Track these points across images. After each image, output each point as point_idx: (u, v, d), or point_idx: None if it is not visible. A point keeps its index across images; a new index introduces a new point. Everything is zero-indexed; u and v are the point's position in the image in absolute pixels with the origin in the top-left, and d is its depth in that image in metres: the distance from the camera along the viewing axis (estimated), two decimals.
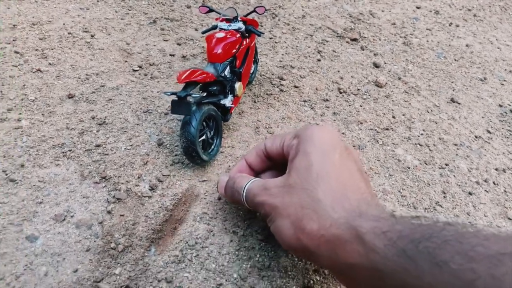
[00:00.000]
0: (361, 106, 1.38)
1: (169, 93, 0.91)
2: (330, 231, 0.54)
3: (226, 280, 0.78)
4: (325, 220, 0.55)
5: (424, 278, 0.42)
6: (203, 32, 1.23)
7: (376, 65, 1.66)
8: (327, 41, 1.80)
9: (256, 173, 0.86)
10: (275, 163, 0.82)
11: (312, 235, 0.56)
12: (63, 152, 1.01)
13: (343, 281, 0.70)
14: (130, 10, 1.78)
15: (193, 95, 0.93)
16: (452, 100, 1.52)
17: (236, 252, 0.83)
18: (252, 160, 0.84)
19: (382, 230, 0.49)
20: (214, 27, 1.20)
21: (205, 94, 1.03)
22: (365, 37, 1.90)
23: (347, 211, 0.55)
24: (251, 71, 1.32)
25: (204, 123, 1.00)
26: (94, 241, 0.82)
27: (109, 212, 0.88)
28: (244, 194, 0.73)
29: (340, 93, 1.44)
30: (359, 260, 0.50)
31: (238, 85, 1.12)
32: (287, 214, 0.61)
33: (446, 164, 1.19)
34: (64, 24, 1.58)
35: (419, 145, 1.25)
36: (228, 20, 1.19)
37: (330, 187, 0.59)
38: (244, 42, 1.17)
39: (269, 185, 0.67)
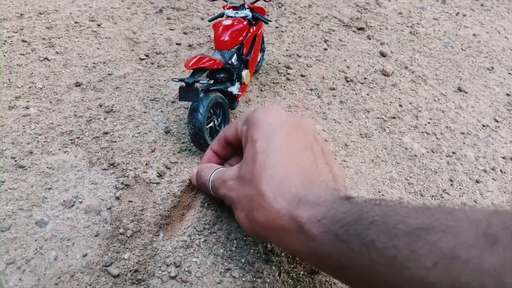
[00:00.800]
0: (368, 94, 1.38)
1: (177, 80, 0.91)
2: (276, 222, 0.57)
3: (234, 265, 0.78)
4: (270, 212, 0.58)
5: (357, 258, 0.45)
6: (210, 20, 1.23)
7: (382, 54, 1.65)
8: (333, 30, 1.80)
9: (224, 159, 0.89)
10: (238, 149, 0.83)
11: (262, 226, 0.59)
12: (71, 139, 1.01)
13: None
14: None
15: (201, 82, 0.93)
16: (459, 89, 1.51)
17: (244, 238, 0.83)
18: (216, 148, 0.87)
19: (317, 218, 0.52)
20: (221, 15, 1.20)
21: (212, 81, 1.03)
22: (371, 26, 1.89)
23: (287, 200, 0.57)
24: (258, 60, 1.32)
25: (211, 110, 1.00)
26: (103, 226, 0.83)
27: (117, 198, 0.89)
28: (210, 186, 0.76)
29: (347, 81, 1.43)
30: (303, 248, 0.54)
31: (245, 73, 1.12)
32: (241, 207, 0.64)
33: (453, 152, 1.19)
34: (70, 13, 1.58)
35: (426, 133, 1.25)
36: (235, 8, 1.19)
37: (272, 177, 0.60)
38: (251, 30, 1.17)
39: (225, 178, 0.70)
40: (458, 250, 0.36)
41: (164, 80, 1.29)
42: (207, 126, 0.98)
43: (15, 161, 0.94)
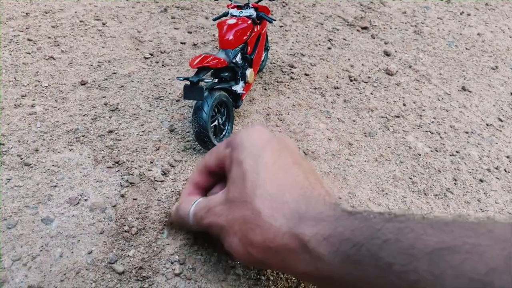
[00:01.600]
0: (371, 93, 1.38)
1: (181, 78, 0.91)
2: (275, 242, 0.52)
3: (238, 263, 0.79)
4: (268, 231, 0.53)
5: (372, 282, 0.41)
6: (215, 19, 1.23)
7: (386, 53, 1.65)
8: (337, 30, 1.80)
9: (207, 190, 0.81)
10: (220, 176, 0.76)
11: (260, 248, 0.54)
12: (76, 137, 1.02)
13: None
14: None
15: (205, 81, 0.94)
16: (463, 88, 1.51)
17: None
18: (197, 180, 0.78)
19: (323, 236, 0.47)
20: (226, 14, 1.20)
21: (216, 80, 1.04)
22: (375, 25, 1.89)
23: (287, 217, 0.53)
24: (262, 59, 1.33)
25: (216, 109, 1.01)
26: (108, 224, 0.83)
27: (122, 196, 0.89)
28: (191, 219, 0.69)
29: (351, 80, 1.43)
30: (308, 269, 0.49)
31: (249, 72, 1.13)
32: (233, 231, 0.59)
33: (457, 152, 1.19)
34: (76, 12, 1.59)
35: (430, 132, 1.25)
36: (240, 7, 1.20)
37: (266, 194, 0.56)
38: (256, 29, 1.18)
39: (212, 204, 0.64)
40: (490, 276, 0.33)
41: (169, 79, 1.29)
42: (212, 125, 0.98)
43: (21, 158, 0.94)
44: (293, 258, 0.51)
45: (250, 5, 1.18)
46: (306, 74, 1.41)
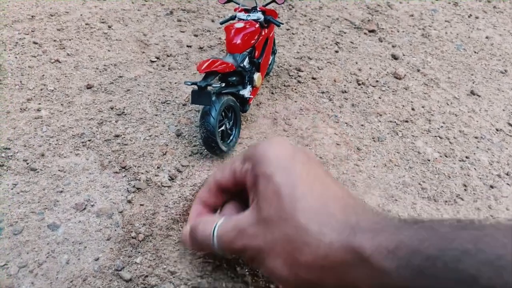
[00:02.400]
0: (380, 98, 1.37)
1: (189, 83, 0.90)
2: (328, 259, 0.52)
3: (247, 271, 0.78)
4: (318, 249, 0.52)
5: None
6: (222, 23, 1.22)
7: (394, 57, 1.64)
8: (344, 33, 1.79)
9: (216, 210, 0.79)
10: (232, 194, 0.75)
11: (311, 268, 0.52)
12: (82, 142, 1.01)
13: None
14: (146, 1, 1.78)
15: (213, 85, 0.93)
16: (472, 93, 1.49)
17: None
18: (206, 199, 0.79)
19: (387, 249, 0.47)
20: (233, 18, 1.19)
21: (224, 84, 1.03)
22: (383, 28, 1.87)
23: (337, 231, 0.53)
24: (269, 62, 1.31)
25: (223, 113, 1.00)
26: (115, 230, 0.82)
27: (129, 202, 0.88)
28: (215, 242, 0.69)
29: (359, 84, 1.42)
30: (372, 283, 0.48)
31: (257, 76, 1.11)
32: (275, 253, 0.58)
33: (467, 157, 1.17)
34: (81, 15, 1.58)
35: (439, 137, 1.23)
36: (247, 10, 1.19)
37: (309, 208, 0.55)
38: (263, 33, 1.17)
39: (242, 226, 0.65)
40: None
41: (175, 83, 1.29)
42: (219, 130, 0.97)
43: (27, 163, 0.94)
44: (352, 275, 0.48)
45: (258, 9, 1.17)
46: (313, 78, 1.39)
